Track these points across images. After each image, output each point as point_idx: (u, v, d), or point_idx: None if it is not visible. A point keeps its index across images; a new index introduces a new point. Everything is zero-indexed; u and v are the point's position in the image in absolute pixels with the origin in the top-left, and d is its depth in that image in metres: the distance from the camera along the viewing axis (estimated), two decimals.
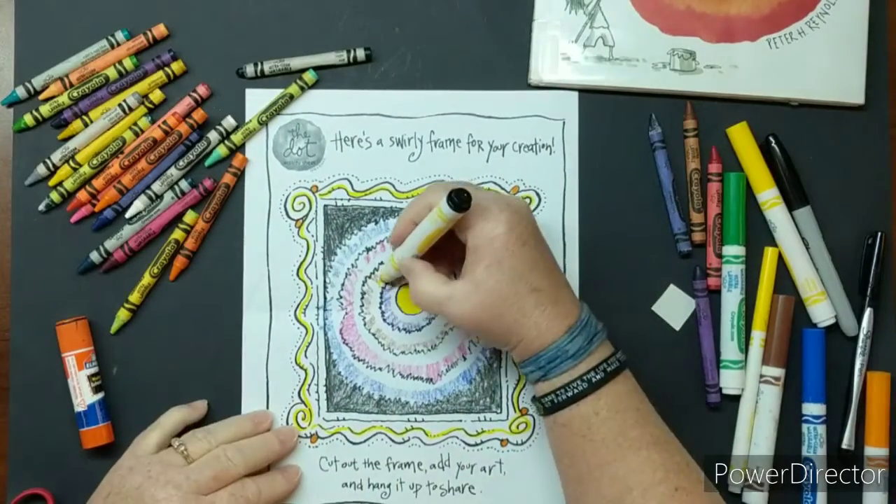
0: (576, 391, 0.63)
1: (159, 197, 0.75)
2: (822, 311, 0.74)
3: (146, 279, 0.74)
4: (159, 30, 0.75)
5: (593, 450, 0.63)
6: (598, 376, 0.63)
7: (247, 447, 0.70)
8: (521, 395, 0.75)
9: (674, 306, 0.75)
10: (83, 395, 0.72)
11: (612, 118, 0.76)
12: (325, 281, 0.76)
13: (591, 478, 0.63)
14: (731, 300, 0.74)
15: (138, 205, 0.74)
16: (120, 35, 0.75)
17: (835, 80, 0.75)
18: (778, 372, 0.74)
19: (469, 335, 0.75)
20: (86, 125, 0.75)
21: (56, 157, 0.75)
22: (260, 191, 0.75)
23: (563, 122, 0.76)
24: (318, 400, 0.75)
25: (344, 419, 0.75)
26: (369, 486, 0.75)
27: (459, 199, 0.61)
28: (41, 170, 0.75)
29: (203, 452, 0.69)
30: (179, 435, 0.71)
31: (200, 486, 0.67)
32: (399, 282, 0.75)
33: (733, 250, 0.74)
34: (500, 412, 0.75)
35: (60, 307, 0.74)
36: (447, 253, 0.69)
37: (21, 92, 0.75)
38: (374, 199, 0.76)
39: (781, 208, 0.75)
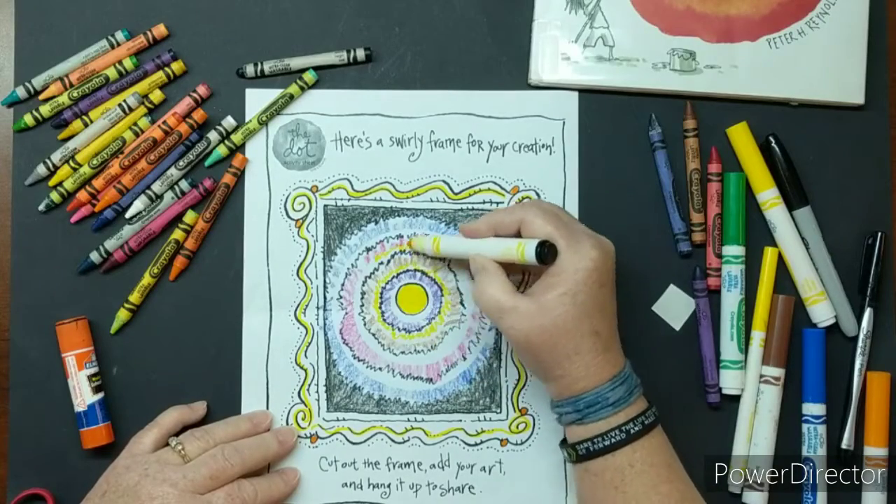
0: (613, 440, 0.63)
1: (159, 197, 0.75)
2: (822, 311, 0.74)
3: (146, 279, 0.74)
4: (159, 30, 0.75)
5: (623, 501, 0.63)
6: (636, 428, 0.63)
7: (244, 447, 0.70)
8: (521, 394, 0.75)
9: (674, 306, 0.75)
10: (83, 395, 0.72)
11: (612, 118, 0.76)
12: (325, 281, 0.76)
13: None
14: (731, 300, 0.74)
15: (138, 205, 0.74)
16: (120, 35, 0.75)
17: (835, 79, 0.75)
18: (778, 372, 0.74)
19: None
20: (86, 125, 0.75)
21: (56, 157, 0.75)
22: (260, 191, 0.75)
23: (563, 122, 0.76)
24: (318, 400, 0.75)
25: (344, 419, 0.75)
26: (369, 486, 0.75)
27: (548, 253, 0.62)
28: (41, 170, 0.75)
29: (200, 452, 0.69)
30: (177, 434, 0.71)
31: (197, 485, 0.67)
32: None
33: (733, 250, 0.74)
34: (500, 412, 0.75)
35: (60, 307, 0.74)
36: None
37: (21, 92, 0.75)
38: (374, 199, 0.76)
39: (781, 208, 0.74)
